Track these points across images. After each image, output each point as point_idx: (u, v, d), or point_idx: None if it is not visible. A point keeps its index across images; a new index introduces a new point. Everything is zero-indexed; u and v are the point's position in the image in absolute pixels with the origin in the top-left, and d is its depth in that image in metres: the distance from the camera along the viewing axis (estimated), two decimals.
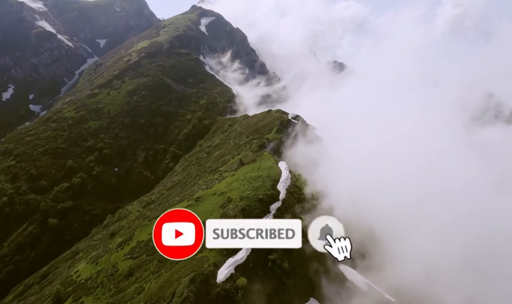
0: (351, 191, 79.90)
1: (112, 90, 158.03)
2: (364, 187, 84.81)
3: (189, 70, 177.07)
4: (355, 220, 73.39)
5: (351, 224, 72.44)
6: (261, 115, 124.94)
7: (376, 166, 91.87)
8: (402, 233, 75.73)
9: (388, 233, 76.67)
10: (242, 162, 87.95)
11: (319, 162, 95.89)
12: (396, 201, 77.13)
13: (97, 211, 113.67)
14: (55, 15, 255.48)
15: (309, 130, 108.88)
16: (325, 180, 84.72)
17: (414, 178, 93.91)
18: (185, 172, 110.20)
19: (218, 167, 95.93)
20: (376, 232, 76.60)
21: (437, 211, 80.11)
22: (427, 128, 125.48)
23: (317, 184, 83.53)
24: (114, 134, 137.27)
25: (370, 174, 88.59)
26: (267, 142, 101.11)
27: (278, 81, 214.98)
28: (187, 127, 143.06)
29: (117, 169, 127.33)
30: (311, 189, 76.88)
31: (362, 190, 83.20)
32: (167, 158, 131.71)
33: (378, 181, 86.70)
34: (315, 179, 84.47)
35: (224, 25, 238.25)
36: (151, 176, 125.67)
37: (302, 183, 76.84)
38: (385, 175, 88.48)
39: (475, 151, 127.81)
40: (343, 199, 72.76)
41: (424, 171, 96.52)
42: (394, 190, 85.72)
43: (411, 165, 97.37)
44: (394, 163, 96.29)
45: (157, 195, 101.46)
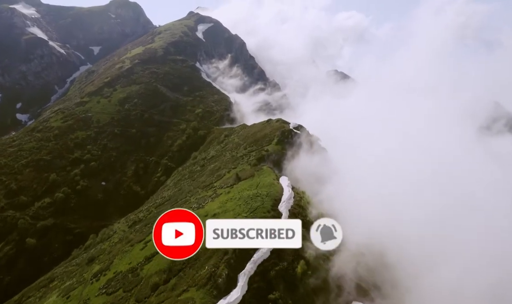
0: (362, 210, 70.47)
1: (102, 98, 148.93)
2: (375, 205, 75.40)
3: (184, 78, 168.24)
4: (367, 244, 63.99)
5: (361, 247, 62.98)
6: (260, 125, 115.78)
7: (388, 180, 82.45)
8: (420, 257, 66.18)
9: (404, 259, 66.86)
10: (238, 177, 78.47)
11: (325, 177, 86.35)
12: (412, 219, 67.53)
13: (81, 230, 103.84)
14: (48, 21, 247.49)
15: (313, 142, 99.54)
16: (333, 198, 75.18)
17: (430, 191, 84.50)
18: (177, 186, 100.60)
19: (213, 182, 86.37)
20: (390, 256, 66.83)
21: (458, 227, 70.70)
22: (439, 138, 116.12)
23: (324, 202, 74.03)
24: (102, 145, 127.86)
25: (382, 189, 79.11)
26: (266, 155, 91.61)
27: (278, 90, 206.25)
28: (181, 137, 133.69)
29: (104, 183, 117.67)
30: (317, 210, 67.22)
31: (374, 208, 73.76)
32: (159, 170, 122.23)
33: (390, 196, 77.27)
34: (321, 197, 74.99)
35: (222, 32, 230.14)
36: (140, 190, 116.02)
37: (306, 202, 67.25)
38: (399, 189, 78.98)
39: (490, 161, 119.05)
40: (353, 220, 63.12)
41: (441, 184, 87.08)
42: (409, 206, 76.25)
43: (426, 177, 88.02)
44: (407, 175, 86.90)
45: (145, 212, 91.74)
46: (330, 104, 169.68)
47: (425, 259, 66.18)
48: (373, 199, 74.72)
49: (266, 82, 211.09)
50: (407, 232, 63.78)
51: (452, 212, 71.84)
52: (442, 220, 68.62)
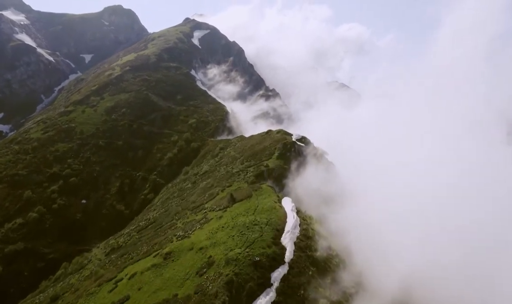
0: (383, 243, 58.16)
1: (88, 107, 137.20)
2: (397, 232, 63.16)
3: (178, 86, 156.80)
4: (388, 288, 51.25)
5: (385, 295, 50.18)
6: (259, 137, 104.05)
7: (412, 203, 70.23)
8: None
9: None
10: (233, 198, 66.43)
11: (334, 197, 74.33)
12: (450, 259, 54.92)
13: (54, 255, 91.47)
14: (37, 28, 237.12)
15: (319, 155, 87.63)
16: (346, 225, 63.05)
17: (461, 212, 72.20)
18: (165, 206, 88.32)
19: (204, 202, 74.30)
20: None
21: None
22: (462, 151, 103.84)
23: (335, 230, 61.90)
24: (84, 159, 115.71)
25: (406, 215, 66.91)
26: (266, 171, 79.68)
27: (279, 99, 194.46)
28: (172, 150, 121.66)
29: (84, 201, 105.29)
30: (327, 240, 54.90)
31: (395, 237, 61.50)
32: (146, 187, 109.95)
33: (415, 221, 65.13)
34: (332, 223, 62.88)
35: (219, 39, 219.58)
36: (125, 209, 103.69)
37: (315, 232, 54.94)
38: (424, 210, 66.79)
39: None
40: (376, 261, 50.87)
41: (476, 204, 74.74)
42: (437, 234, 64.06)
43: (458, 195, 75.79)
44: (433, 194, 74.76)
45: (126, 237, 79.38)
46: (335, 115, 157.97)
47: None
48: (394, 227, 62.61)
49: (265, 91, 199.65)
50: (445, 275, 51.02)
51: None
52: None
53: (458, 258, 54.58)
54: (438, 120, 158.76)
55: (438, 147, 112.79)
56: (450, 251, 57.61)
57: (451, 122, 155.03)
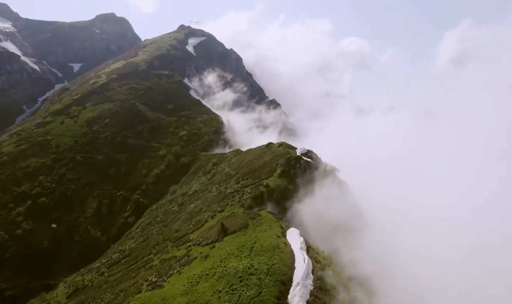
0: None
1: (68, 118, 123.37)
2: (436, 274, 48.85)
3: (169, 95, 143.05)
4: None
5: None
6: (259, 151, 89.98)
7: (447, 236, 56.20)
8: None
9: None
10: (224, 229, 52.20)
11: (352, 226, 60.07)
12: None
13: (13, 292, 76.72)
14: (24, 36, 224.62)
15: (329, 173, 73.32)
16: (371, 265, 48.74)
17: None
18: (144, 234, 73.68)
19: (189, 232, 59.95)
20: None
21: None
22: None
23: (357, 274, 47.61)
24: (58, 176, 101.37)
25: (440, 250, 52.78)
26: (266, 192, 65.56)
27: (279, 109, 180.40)
28: (159, 166, 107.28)
29: (54, 225, 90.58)
30: (350, 292, 40.37)
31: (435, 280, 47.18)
32: (127, 209, 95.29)
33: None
34: (353, 266, 48.56)
35: (215, 46, 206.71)
36: (101, 236, 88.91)
37: (331, 281, 40.23)
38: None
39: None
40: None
41: None
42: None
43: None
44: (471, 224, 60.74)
45: (94, 274, 64.76)
46: (343, 127, 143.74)
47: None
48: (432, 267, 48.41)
49: (265, 101, 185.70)
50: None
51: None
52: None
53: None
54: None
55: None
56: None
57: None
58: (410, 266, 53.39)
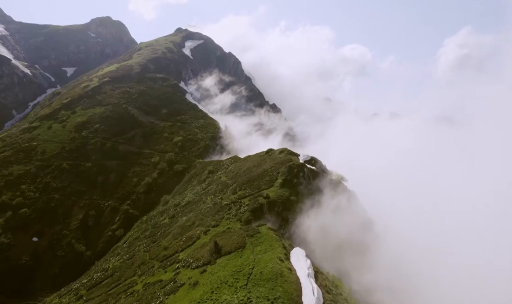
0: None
1: (56, 123, 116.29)
2: None
3: (164, 99, 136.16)
4: None
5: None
6: (258, 158, 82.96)
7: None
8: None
9: None
10: (218, 249, 45.06)
11: (363, 243, 52.91)
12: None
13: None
14: (17, 39, 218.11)
15: (336, 182, 66.19)
16: (387, 293, 41.55)
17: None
18: (131, 250, 66.43)
19: (179, 250, 52.74)
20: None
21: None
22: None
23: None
24: (43, 185, 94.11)
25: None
26: (266, 205, 58.52)
27: (280, 113, 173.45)
28: (151, 174, 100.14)
29: (36, 239, 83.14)
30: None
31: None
32: (116, 221, 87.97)
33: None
34: (367, 294, 41.39)
35: (213, 49, 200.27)
36: (86, 250, 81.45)
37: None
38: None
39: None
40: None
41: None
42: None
43: None
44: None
45: (72, 297, 57.37)
46: (344, 133, 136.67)
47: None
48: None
49: (264, 105, 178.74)
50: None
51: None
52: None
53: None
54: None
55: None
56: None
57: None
58: (429, 289, 46.45)
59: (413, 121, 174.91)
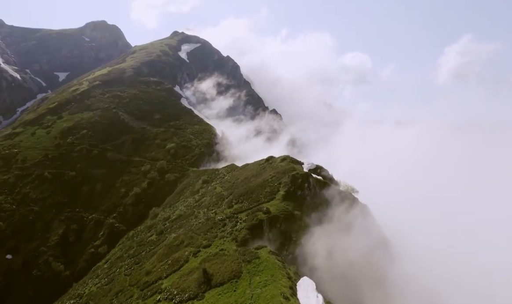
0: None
1: (40, 128, 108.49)
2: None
3: (157, 103, 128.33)
4: None
5: None
6: (257, 166, 74.83)
7: None
8: None
9: None
10: (208, 278, 36.82)
11: (379, 268, 44.66)
12: None
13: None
14: (7, 43, 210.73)
15: (346, 194, 58.02)
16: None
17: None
18: (110, 273, 58.00)
19: (162, 276, 44.37)
20: None
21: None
22: None
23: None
24: (21, 196, 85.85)
25: None
26: (266, 221, 50.26)
27: (280, 119, 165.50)
28: (141, 184, 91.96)
29: (9, 256, 74.75)
30: None
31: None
32: (99, 236, 79.60)
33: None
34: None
35: (211, 53, 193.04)
36: (64, 270, 72.98)
37: None
38: None
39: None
40: None
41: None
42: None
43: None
44: None
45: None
46: (350, 141, 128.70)
47: None
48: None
49: (264, 110, 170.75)
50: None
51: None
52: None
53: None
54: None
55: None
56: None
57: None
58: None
59: (425, 128, 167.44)
